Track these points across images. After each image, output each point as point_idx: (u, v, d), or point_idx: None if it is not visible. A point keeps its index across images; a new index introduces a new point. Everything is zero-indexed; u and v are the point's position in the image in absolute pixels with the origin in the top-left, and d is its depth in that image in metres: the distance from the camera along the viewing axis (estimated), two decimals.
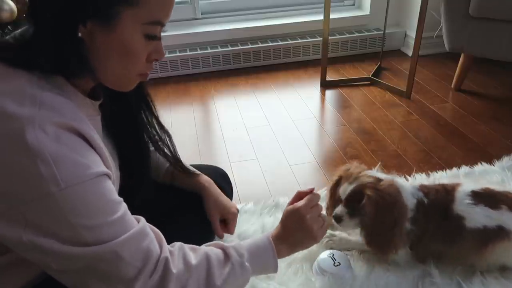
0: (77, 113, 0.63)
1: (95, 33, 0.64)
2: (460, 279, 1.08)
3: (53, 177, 0.57)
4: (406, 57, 2.66)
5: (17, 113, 0.57)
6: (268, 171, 1.62)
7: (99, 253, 0.61)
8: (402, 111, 2.05)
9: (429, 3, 1.92)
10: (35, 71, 0.62)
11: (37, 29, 0.63)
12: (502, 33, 1.94)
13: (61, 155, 0.58)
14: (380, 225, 1.04)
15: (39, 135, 0.57)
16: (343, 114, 2.05)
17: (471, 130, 1.86)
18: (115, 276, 0.64)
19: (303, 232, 0.93)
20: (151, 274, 0.67)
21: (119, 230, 0.64)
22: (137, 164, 0.92)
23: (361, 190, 1.05)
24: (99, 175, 0.63)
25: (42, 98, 0.60)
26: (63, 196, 0.58)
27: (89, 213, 0.61)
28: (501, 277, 1.08)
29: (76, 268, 0.62)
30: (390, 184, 1.06)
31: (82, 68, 0.65)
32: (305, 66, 2.59)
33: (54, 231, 0.59)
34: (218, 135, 1.89)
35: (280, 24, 2.61)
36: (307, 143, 1.81)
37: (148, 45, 0.69)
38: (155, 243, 0.70)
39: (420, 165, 1.62)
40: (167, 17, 0.69)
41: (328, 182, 1.54)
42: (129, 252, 0.64)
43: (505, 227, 1.05)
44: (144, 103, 0.88)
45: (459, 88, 2.23)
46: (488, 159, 1.61)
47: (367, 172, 1.10)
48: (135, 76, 0.72)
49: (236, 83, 2.40)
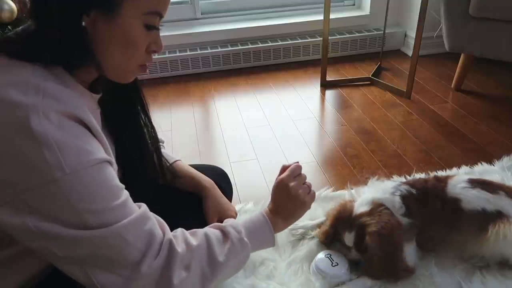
0: (78, 102, 0.65)
1: (98, 22, 0.65)
2: (460, 278, 1.09)
3: (58, 163, 0.58)
4: (406, 57, 2.67)
5: (22, 101, 0.58)
6: (268, 171, 1.62)
7: (103, 236, 0.62)
8: (402, 111, 2.05)
9: (429, 3, 1.92)
10: (38, 62, 0.64)
11: (42, 19, 0.64)
12: (502, 33, 1.94)
13: (65, 142, 0.59)
14: (386, 253, 1.06)
15: (44, 123, 0.58)
16: (343, 114, 2.05)
17: (471, 130, 1.86)
18: (119, 261, 0.65)
19: (291, 201, 0.96)
20: (156, 255, 0.69)
21: (122, 214, 0.65)
22: (135, 161, 0.93)
23: (362, 232, 1.09)
24: (101, 161, 0.64)
25: (45, 87, 0.61)
26: (68, 181, 0.59)
27: (93, 198, 0.62)
28: (500, 276, 1.09)
29: (81, 255, 0.63)
30: (380, 212, 1.09)
31: (86, 58, 0.67)
32: (305, 66, 2.59)
33: (59, 216, 0.60)
34: (218, 135, 1.89)
35: (280, 24, 2.61)
36: (307, 143, 1.81)
37: (148, 35, 0.71)
38: (157, 227, 0.72)
39: (420, 165, 1.62)
40: (165, 8, 0.71)
41: (328, 182, 1.54)
42: (133, 235, 0.66)
43: (504, 212, 1.07)
44: (139, 102, 0.90)
45: (459, 88, 2.23)
46: (488, 159, 1.61)
47: (356, 210, 1.13)
48: (135, 67, 0.74)
49: (236, 83, 2.40)
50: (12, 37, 0.69)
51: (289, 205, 0.96)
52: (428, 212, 1.12)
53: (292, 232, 1.28)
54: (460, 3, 1.99)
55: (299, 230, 1.27)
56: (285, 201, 0.96)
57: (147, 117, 0.93)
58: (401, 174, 1.55)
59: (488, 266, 1.11)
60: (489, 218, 1.07)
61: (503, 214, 1.07)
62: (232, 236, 0.82)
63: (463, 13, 1.99)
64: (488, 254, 1.10)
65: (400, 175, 1.54)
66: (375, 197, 1.14)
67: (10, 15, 1.27)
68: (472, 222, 1.08)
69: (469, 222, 1.09)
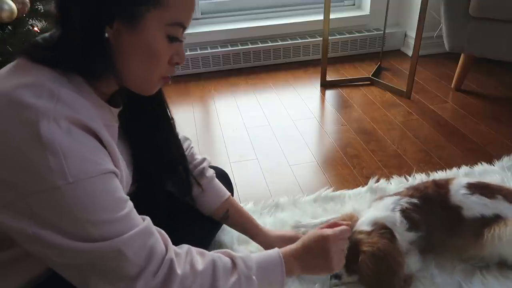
0: (92, 112, 0.65)
1: (121, 33, 0.66)
2: (460, 279, 1.09)
3: (61, 170, 0.58)
4: (406, 57, 2.66)
5: (34, 104, 0.58)
6: (268, 171, 1.62)
7: (102, 250, 0.61)
8: (402, 111, 2.05)
9: (429, 3, 1.92)
10: (58, 69, 0.64)
11: (66, 28, 0.65)
12: (502, 33, 1.94)
13: (71, 150, 0.59)
14: (380, 278, 1.03)
15: (52, 128, 0.58)
16: (343, 114, 2.05)
17: (471, 130, 1.86)
18: (117, 273, 0.64)
19: (322, 260, 0.90)
20: (155, 273, 0.67)
21: (124, 227, 0.64)
22: (153, 176, 0.93)
23: (355, 248, 1.05)
24: (106, 172, 0.64)
25: (60, 94, 0.61)
26: (70, 190, 0.58)
27: (95, 209, 0.61)
28: (501, 277, 1.09)
29: (79, 263, 0.62)
30: (381, 234, 1.06)
31: (107, 68, 0.67)
32: (305, 66, 2.58)
33: (59, 224, 0.60)
34: (218, 135, 1.89)
35: (280, 24, 2.61)
36: (307, 143, 1.81)
37: (170, 47, 0.70)
38: (161, 243, 0.70)
39: (420, 165, 1.62)
40: (189, 20, 0.71)
41: (328, 182, 1.54)
42: (132, 250, 0.64)
43: (502, 216, 1.07)
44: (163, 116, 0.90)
45: (459, 88, 2.23)
46: (488, 159, 1.61)
47: (357, 227, 1.10)
48: (157, 79, 0.73)
49: (236, 83, 2.40)
50: (39, 42, 0.69)
51: (317, 261, 0.90)
52: (431, 219, 1.11)
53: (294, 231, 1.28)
54: (460, 3, 1.99)
55: (301, 229, 1.26)
56: (316, 256, 0.89)
57: (172, 133, 0.93)
58: (401, 174, 1.55)
59: (488, 267, 1.11)
60: (487, 223, 1.07)
61: (501, 217, 1.07)
62: (241, 270, 0.77)
63: (463, 13, 1.99)
64: (487, 256, 1.10)
65: (400, 175, 1.54)
66: (377, 217, 1.11)
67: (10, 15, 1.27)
68: (471, 229, 1.08)
69: (468, 229, 1.09)
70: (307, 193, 1.47)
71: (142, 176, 0.87)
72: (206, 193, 1.08)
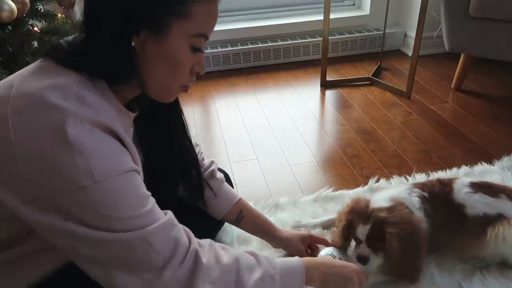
0: (114, 116, 0.67)
1: (146, 43, 0.68)
2: (460, 279, 1.09)
3: (88, 170, 0.59)
4: (406, 57, 2.66)
5: (61, 105, 0.60)
6: (268, 171, 1.62)
7: (129, 240, 0.63)
8: (402, 111, 2.05)
9: (429, 3, 1.92)
10: (84, 73, 0.66)
11: (95, 37, 0.66)
12: (502, 33, 1.94)
13: (96, 149, 0.61)
14: (405, 255, 1.03)
15: (78, 129, 0.59)
16: (343, 114, 2.05)
17: (471, 130, 1.86)
18: (143, 265, 0.65)
19: (342, 280, 0.90)
20: (181, 263, 0.68)
21: (149, 220, 0.66)
22: (163, 181, 0.94)
23: (380, 227, 1.03)
24: (129, 170, 0.65)
25: (85, 97, 0.63)
26: (96, 189, 0.60)
27: (120, 206, 0.63)
28: (501, 277, 1.08)
29: (105, 255, 0.64)
30: (401, 210, 1.05)
31: (131, 76, 0.69)
32: (305, 66, 2.59)
33: (86, 220, 0.61)
34: (218, 135, 1.89)
35: (280, 24, 2.61)
36: (307, 143, 1.81)
37: (193, 57, 0.73)
38: (184, 234, 0.72)
39: (420, 165, 1.62)
40: (211, 31, 0.74)
41: (328, 182, 1.54)
42: (158, 241, 0.66)
43: (505, 215, 1.07)
44: (179, 122, 0.94)
45: (459, 88, 2.23)
46: (488, 159, 1.61)
47: (374, 204, 1.08)
48: (178, 87, 0.76)
49: (236, 83, 2.40)
50: (62, 44, 0.70)
51: (337, 279, 0.89)
52: (437, 217, 1.11)
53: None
54: (460, 3, 1.99)
55: (301, 229, 1.27)
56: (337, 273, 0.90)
57: (186, 137, 0.96)
58: (401, 174, 1.55)
59: (488, 267, 1.11)
60: (490, 222, 1.07)
61: (504, 217, 1.07)
62: (264, 268, 0.78)
63: (463, 13, 1.99)
64: (489, 256, 1.10)
65: (400, 175, 1.54)
66: (394, 195, 1.11)
67: (10, 15, 1.27)
68: (474, 227, 1.08)
69: (471, 227, 1.08)
70: (307, 193, 1.47)
71: (154, 182, 0.88)
72: (218, 196, 1.09)
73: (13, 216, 0.63)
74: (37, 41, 1.43)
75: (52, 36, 1.44)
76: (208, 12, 0.71)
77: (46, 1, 1.46)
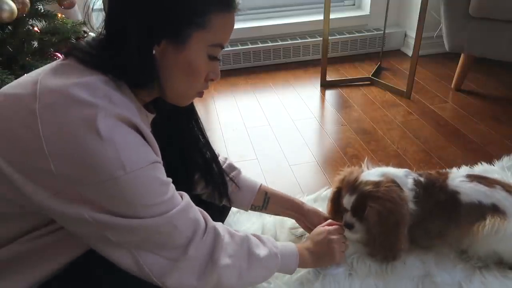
0: (135, 113, 0.70)
1: (167, 51, 0.71)
2: (460, 279, 1.09)
3: (119, 162, 0.62)
4: (406, 57, 2.67)
5: (91, 100, 0.63)
6: (268, 171, 1.62)
7: (156, 224, 0.68)
8: (402, 111, 2.05)
9: (429, 3, 1.92)
10: (109, 74, 0.69)
11: (120, 43, 0.69)
12: (502, 33, 1.94)
13: (126, 142, 0.64)
14: (383, 230, 1.07)
15: (109, 123, 0.63)
16: (343, 114, 2.05)
17: (471, 130, 1.86)
18: (169, 244, 0.72)
19: (326, 249, 1.06)
20: (202, 239, 0.76)
21: (171, 205, 0.71)
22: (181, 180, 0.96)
23: (363, 199, 1.09)
24: (153, 162, 0.69)
25: (112, 95, 0.66)
26: (126, 179, 0.64)
27: (147, 195, 0.67)
28: (501, 276, 1.09)
29: (134, 239, 0.69)
30: (388, 187, 1.08)
31: (150, 81, 0.73)
32: (305, 66, 2.59)
33: (115, 209, 0.65)
34: (218, 135, 1.89)
35: (280, 24, 2.61)
36: (307, 143, 1.81)
37: (209, 65, 0.77)
38: (200, 214, 0.79)
39: (420, 165, 1.62)
40: (228, 40, 0.79)
41: (328, 182, 1.54)
42: (181, 222, 0.73)
43: (499, 206, 1.07)
44: (195, 125, 0.99)
45: (459, 88, 2.23)
46: (488, 159, 1.61)
47: (364, 177, 1.12)
48: (194, 93, 0.80)
49: (236, 83, 2.40)
50: (82, 45, 0.73)
51: (322, 251, 1.06)
52: (431, 203, 1.12)
53: (292, 231, 1.28)
54: (460, 3, 1.99)
55: (299, 230, 1.27)
56: (321, 246, 1.06)
57: (203, 136, 1.01)
58: None
59: (488, 266, 1.12)
60: (484, 212, 1.08)
61: (498, 208, 1.07)
62: (269, 246, 0.91)
63: (463, 13, 1.99)
64: (482, 250, 1.10)
65: None
66: (388, 172, 1.13)
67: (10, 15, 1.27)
68: (468, 215, 1.09)
69: (466, 215, 1.09)
70: (307, 193, 1.47)
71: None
72: (241, 187, 1.13)
73: (35, 211, 0.66)
74: (37, 41, 1.43)
75: (52, 36, 1.44)
76: (226, 23, 0.75)
77: (46, 1, 1.46)
